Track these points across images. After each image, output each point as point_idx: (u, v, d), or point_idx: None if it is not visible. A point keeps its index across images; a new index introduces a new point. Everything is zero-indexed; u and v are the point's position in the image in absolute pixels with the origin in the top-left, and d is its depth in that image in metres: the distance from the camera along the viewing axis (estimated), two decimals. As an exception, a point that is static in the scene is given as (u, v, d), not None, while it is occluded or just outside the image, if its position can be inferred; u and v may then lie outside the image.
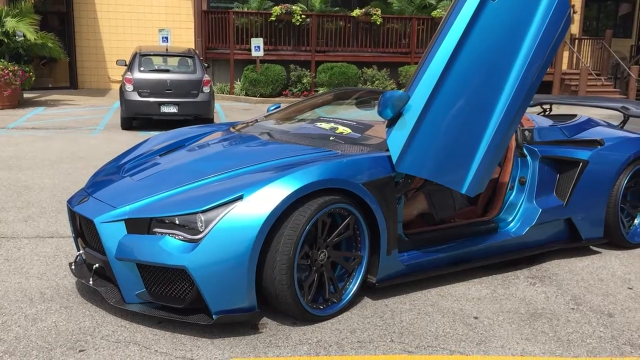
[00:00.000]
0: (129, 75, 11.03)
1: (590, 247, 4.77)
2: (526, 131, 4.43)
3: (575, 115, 5.13)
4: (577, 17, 20.75)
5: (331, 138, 3.98)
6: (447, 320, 3.48)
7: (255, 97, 16.13)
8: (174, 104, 11.07)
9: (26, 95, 14.74)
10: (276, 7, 16.58)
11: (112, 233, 3.27)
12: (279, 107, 5.09)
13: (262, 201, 3.14)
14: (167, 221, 3.20)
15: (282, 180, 3.22)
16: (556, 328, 3.44)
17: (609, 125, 5.21)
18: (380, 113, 3.56)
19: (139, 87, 10.96)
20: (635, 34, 23.61)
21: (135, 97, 10.95)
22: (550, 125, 4.70)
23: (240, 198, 3.15)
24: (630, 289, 4.04)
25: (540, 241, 4.44)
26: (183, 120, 11.22)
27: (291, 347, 3.12)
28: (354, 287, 3.56)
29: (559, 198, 4.47)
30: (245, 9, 17.12)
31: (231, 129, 4.53)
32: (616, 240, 4.72)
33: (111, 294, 3.37)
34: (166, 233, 3.18)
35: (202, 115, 11.26)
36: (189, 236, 3.13)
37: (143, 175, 3.70)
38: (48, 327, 3.23)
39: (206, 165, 3.67)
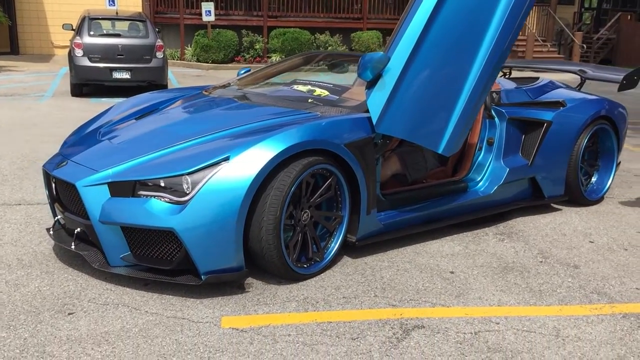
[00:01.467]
0: (78, 40, 10.66)
1: (552, 204, 4.99)
2: (494, 93, 4.57)
3: (537, 78, 5.30)
4: (523, -16, 21.11)
5: (309, 100, 4.01)
6: (425, 276, 3.62)
7: (207, 63, 15.88)
8: (126, 69, 10.79)
9: (-35, 60, 14.09)
10: (227, -30, 16.24)
11: (95, 197, 3.23)
12: (249, 70, 5.06)
13: (249, 162, 3.16)
14: (151, 184, 3.19)
15: (267, 141, 3.24)
16: (527, 280, 3.62)
17: (569, 88, 5.42)
18: (360, 75, 3.60)
19: (90, 52, 10.63)
20: (578, 1, 24.26)
21: (86, 62, 10.62)
22: (515, 88, 4.86)
23: (226, 159, 3.16)
24: (592, 242, 4.27)
25: (507, 199, 4.62)
26: (136, 87, 10.97)
27: (279, 304, 3.19)
28: (335, 245, 3.64)
29: (524, 158, 4.65)
30: (195, -28, 16.69)
31: (204, 92, 4.49)
32: (576, 197, 4.96)
33: (94, 257, 3.35)
34: (151, 195, 3.17)
35: (155, 82, 11.02)
36: (176, 198, 3.13)
37: (122, 139, 3.65)
38: (32, 292, 3.20)
39: (187, 127, 3.65)
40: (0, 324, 2.87)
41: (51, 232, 3.60)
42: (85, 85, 10.91)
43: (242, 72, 5.02)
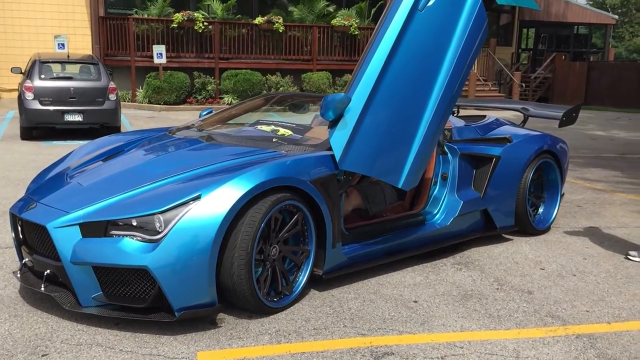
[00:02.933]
0: (28, 84, 10.58)
1: (504, 235, 5.25)
2: (446, 131, 4.84)
3: (484, 116, 5.62)
4: (464, 27, 22.08)
5: (274, 140, 4.16)
6: (390, 305, 3.76)
7: (159, 104, 15.90)
8: (78, 112, 10.74)
9: None
10: (177, 14, 16.44)
11: (66, 238, 3.27)
12: (211, 112, 5.19)
13: (220, 200, 3.27)
14: (124, 223, 3.25)
15: (236, 180, 3.37)
16: (486, 306, 3.81)
17: (513, 125, 5.76)
18: (322, 115, 3.79)
19: (40, 95, 10.55)
20: (515, 42, 25.48)
21: (37, 105, 10.53)
22: (465, 125, 5.15)
23: (198, 198, 3.27)
24: (542, 269, 4.52)
25: (462, 231, 4.85)
26: (88, 129, 10.94)
27: (252, 338, 3.27)
28: (303, 279, 3.76)
29: (477, 191, 4.91)
30: (146, 15, 16.82)
31: (168, 133, 4.59)
32: (525, 227, 5.24)
33: (65, 298, 3.36)
34: (124, 235, 3.23)
35: (108, 124, 11.00)
36: (148, 237, 3.20)
37: (92, 180, 3.70)
38: (2, 335, 3.19)
39: (156, 167, 3.74)
40: (-28, 368, 2.86)
41: (18, 275, 3.60)
42: (35, 128, 10.79)
43: (204, 113, 5.15)
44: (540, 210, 5.52)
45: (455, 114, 6.27)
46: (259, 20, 17.27)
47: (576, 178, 8.20)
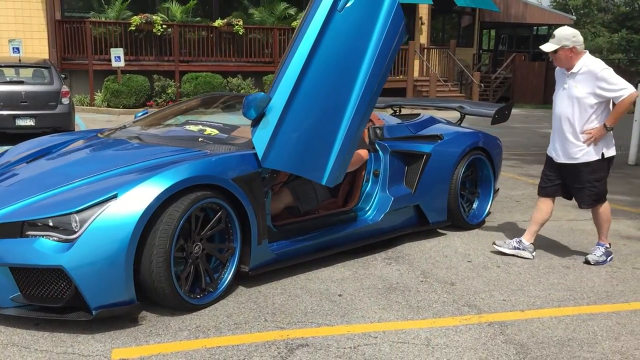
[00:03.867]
0: (-22, 88, 10.44)
1: (438, 229, 5.37)
2: (377, 129, 4.95)
3: (418, 115, 5.75)
4: (424, 28, 22.43)
5: (200, 139, 4.22)
6: (314, 300, 3.85)
7: (118, 108, 15.80)
8: (30, 116, 10.62)
9: None
10: (135, 17, 16.36)
11: (-18, 239, 3.28)
12: (147, 112, 5.23)
13: (136, 199, 3.31)
14: (40, 224, 3.27)
15: (154, 178, 3.42)
16: (408, 298, 3.92)
17: (448, 123, 5.90)
18: (244, 114, 3.86)
19: (-9, 99, 10.42)
20: (476, 43, 25.89)
21: (-13, 110, 10.39)
22: (397, 123, 5.27)
23: (114, 197, 3.30)
24: (469, 262, 4.66)
25: (394, 226, 4.96)
26: (41, 133, 10.76)
27: (171, 334, 3.32)
28: (228, 276, 3.82)
29: (408, 187, 5.03)
30: (103, 19, 16.70)
31: (99, 135, 4.62)
32: (458, 222, 5.38)
33: (-16, 300, 3.37)
34: (40, 235, 3.25)
35: (61, 128, 10.87)
36: (64, 236, 3.23)
37: (12, 181, 3.72)
38: None
39: (77, 168, 3.77)
40: None
41: (-61, 278, 3.58)
42: (-10, 133, 10.65)
43: (140, 114, 5.18)
44: (475, 205, 5.67)
45: (396, 113, 6.41)
46: (218, 22, 17.27)
47: (520, 174, 8.40)
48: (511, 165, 8.88)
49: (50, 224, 3.27)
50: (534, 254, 4.76)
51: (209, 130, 4.34)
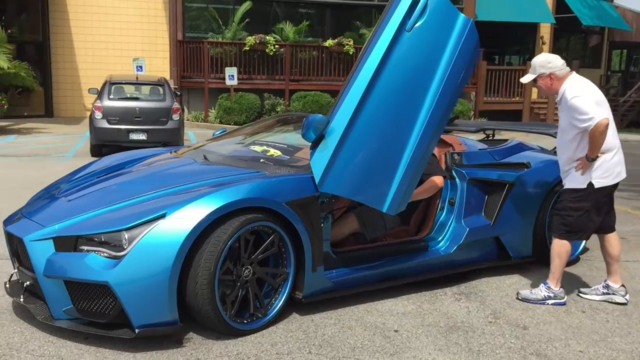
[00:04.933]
0: (98, 103, 11.20)
1: (522, 266, 4.94)
2: (455, 154, 4.65)
3: (506, 140, 5.36)
4: (545, 48, 21.36)
5: (261, 160, 4.17)
6: (367, 334, 3.63)
7: (230, 124, 16.34)
8: (142, 131, 11.22)
9: (0, 123, 14.84)
10: (250, 37, 16.91)
11: (40, 251, 3.40)
12: (225, 131, 5.27)
13: (184, 219, 3.29)
14: (92, 239, 3.34)
15: (204, 199, 3.39)
16: (470, 340, 3.60)
17: (541, 150, 5.45)
18: (303, 135, 3.75)
19: (108, 114, 11.12)
20: (604, 64, 24.29)
21: (104, 124, 11.10)
22: (479, 149, 4.93)
23: (163, 216, 3.31)
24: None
25: (469, 259, 4.62)
26: (152, 147, 11.39)
27: (211, 359, 3.24)
28: (279, 302, 3.70)
29: (487, 218, 4.67)
30: (220, 39, 17.43)
31: (172, 153, 4.70)
32: (545, 258, 4.90)
33: (40, 310, 3.48)
34: (91, 250, 3.32)
35: (171, 143, 11.40)
36: (113, 253, 3.27)
37: (76, 196, 3.85)
38: (-23, 342, 3.34)
39: (137, 186, 3.83)
40: None
41: (7, 286, 3.77)
42: (104, 146, 11.37)
43: (217, 132, 5.24)
44: (568, 240, 5.16)
45: (488, 137, 6.04)
46: (329, 42, 17.44)
47: (634, 208, 7.63)
48: (625, 197, 8.10)
49: (102, 239, 3.33)
50: (626, 297, 4.23)
51: (271, 151, 4.28)
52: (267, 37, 17.05)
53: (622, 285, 4.29)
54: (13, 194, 7.31)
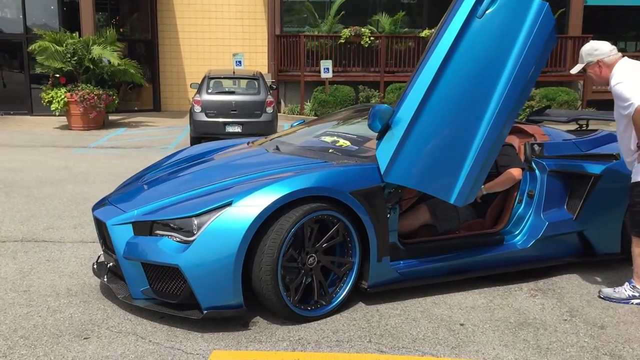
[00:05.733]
0: (197, 97, 11.71)
1: (611, 263, 4.67)
2: (535, 145, 4.47)
3: (595, 130, 5.07)
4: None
5: (330, 150, 4.21)
6: (431, 326, 3.59)
7: (324, 117, 16.52)
8: (238, 123, 11.61)
9: (112, 117, 15.85)
10: (345, 30, 16.98)
11: (121, 234, 3.64)
12: (303, 122, 5.36)
13: (249, 207, 3.41)
14: (166, 224, 3.54)
15: (269, 187, 3.49)
16: (540, 337, 3.47)
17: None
18: (369, 126, 3.76)
19: (207, 108, 11.60)
20: None
21: (203, 117, 11.59)
22: (564, 140, 4.70)
23: (229, 204, 3.44)
24: (637, 304, 3.97)
25: (549, 254, 4.43)
26: (247, 139, 11.78)
27: (272, 343, 3.35)
28: (344, 291, 3.74)
29: (570, 212, 4.45)
30: (316, 32, 17.64)
31: (248, 144, 4.86)
32: (635, 255, 4.61)
33: (121, 290, 3.74)
34: (165, 235, 3.51)
35: (265, 134, 11.71)
36: (184, 238, 3.45)
37: (156, 184, 4.08)
38: (64, 317, 3.64)
39: (210, 175, 4.00)
40: (26, 343, 3.31)
41: (94, 267, 4.07)
42: (203, 138, 11.88)
43: (296, 123, 5.34)
44: (662, 237, 4.81)
45: (581, 128, 5.75)
46: (426, 33, 17.16)
47: None
48: None
49: (174, 225, 3.51)
50: None
51: (341, 142, 4.32)
52: (362, 29, 17.03)
53: None
54: (116, 183, 7.82)
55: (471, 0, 3.64)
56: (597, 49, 3.95)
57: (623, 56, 3.96)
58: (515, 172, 4.34)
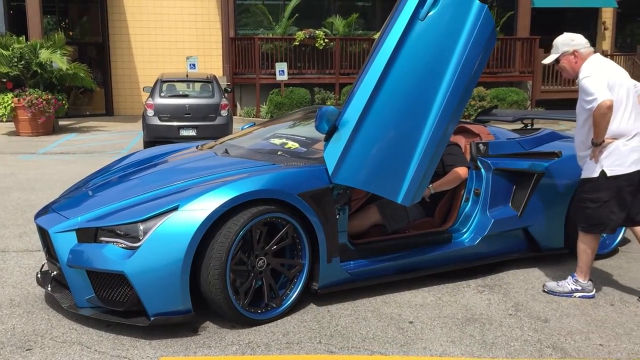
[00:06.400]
0: (150, 101, 11.54)
1: (557, 258, 4.79)
2: (481, 144, 4.56)
3: (538, 129, 5.21)
4: (608, 34, 20.53)
5: (279, 153, 4.21)
6: (381, 325, 3.63)
7: (280, 119, 16.50)
8: (192, 127, 11.49)
9: (62, 122, 15.48)
10: (300, 32, 16.99)
11: (64, 242, 3.56)
12: (253, 124, 5.35)
13: (196, 211, 3.38)
14: (111, 230, 3.48)
15: (217, 191, 3.46)
16: (485, 332, 3.54)
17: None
18: (316, 127, 3.78)
19: (160, 112, 11.44)
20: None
21: (156, 121, 11.43)
22: (507, 139, 4.81)
23: (176, 208, 3.40)
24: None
25: (496, 251, 4.52)
26: (202, 143, 11.67)
27: (221, 347, 3.32)
28: (294, 293, 3.74)
29: (514, 209, 4.56)
30: (271, 35, 17.60)
31: (197, 147, 4.82)
32: (578, 250, 4.75)
33: (66, 299, 3.65)
34: (110, 241, 3.45)
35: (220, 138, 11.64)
36: (130, 244, 3.40)
37: (100, 190, 4.01)
38: (6, 329, 3.53)
39: (157, 180, 3.95)
40: (-35, 355, 3.21)
41: (38, 276, 3.96)
42: (156, 142, 11.70)
43: (246, 126, 5.32)
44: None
45: (527, 127, 5.89)
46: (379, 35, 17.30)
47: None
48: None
49: (120, 231, 3.46)
50: None
51: (290, 144, 4.32)
52: (317, 32, 17.08)
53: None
54: (64, 189, 7.64)
55: (413, 2, 3.69)
56: (574, 39, 3.97)
57: (595, 52, 3.99)
58: (462, 171, 4.42)
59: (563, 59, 4.00)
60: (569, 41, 3.98)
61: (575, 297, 4.05)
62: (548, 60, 4.09)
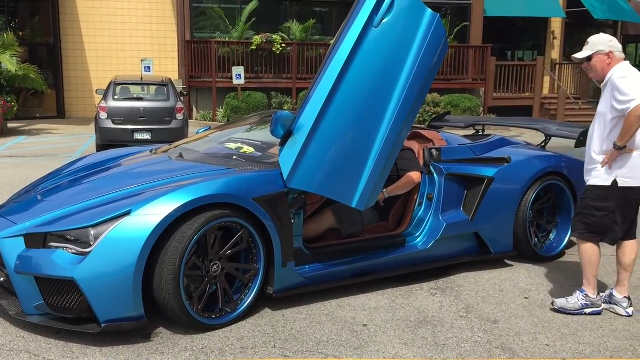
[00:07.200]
0: (103, 104, 11.33)
1: (506, 261, 4.92)
2: (433, 150, 4.65)
3: (489, 135, 5.34)
4: (557, 43, 21.17)
5: (234, 157, 4.21)
6: (335, 328, 3.65)
7: (237, 124, 16.42)
8: (147, 130, 11.33)
9: (11, 125, 15.05)
10: (257, 37, 16.96)
11: (12, 248, 3.47)
12: (209, 128, 5.32)
13: (149, 215, 3.34)
14: (61, 236, 3.41)
15: (170, 195, 3.44)
16: (437, 334, 3.60)
17: (526, 145, 5.42)
18: (272, 132, 3.79)
19: (113, 115, 11.24)
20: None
21: (109, 124, 11.22)
22: (459, 145, 4.92)
23: (128, 213, 3.36)
24: (527, 298, 4.20)
25: (448, 254, 4.62)
26: (157, 147, 11.51)
27: (174, 353, 3.29)
28: (249, 298, 3.74)
29: (466, 213, 4.66)
30: (227, 39, 17.51)
31: (150, 152, 4.77)
32: (527, 253, 4.89)
33: (13, 306, 3.55)
34: (60, 247, 3.38)
35: (175, 142, 11.51)
36: (81, 249, 3.33)
37: (50, 194, 3.93)
38: (-50, 337, 3.43)
39: (109, 184, 3.90)
40: None
41: (-17, 283, 3.85)
42: (110, 146, 11.49)
43: (201, 130, 5.29)
44: (552, 235, 5.14)
45: (478, 133, 6.03)
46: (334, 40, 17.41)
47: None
48: None
49: (70, 236, 3.39)
50: (629, 310, 3.95)
51: (245, 148, 4.32)
52: (274, 36, 17.09)
53: (627, 297, 3.98)
54: (12, 194, 7.43)
55: (368, 9, 3.74)
56: (612, 40, 3.84)
57: (625, 59, 3.88)
58: (415, 175, 4.50)
59: (596, 57, 3.82)
60: (606, 41, 3.84)
61: (585, 313, 3.91)
62: (581, 55, 3.91)
